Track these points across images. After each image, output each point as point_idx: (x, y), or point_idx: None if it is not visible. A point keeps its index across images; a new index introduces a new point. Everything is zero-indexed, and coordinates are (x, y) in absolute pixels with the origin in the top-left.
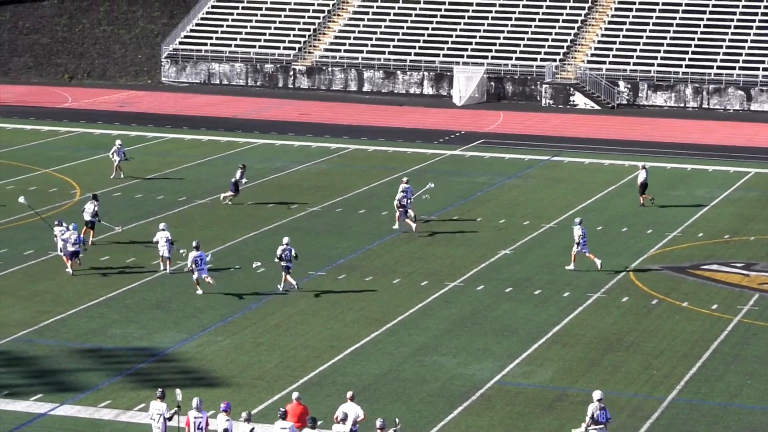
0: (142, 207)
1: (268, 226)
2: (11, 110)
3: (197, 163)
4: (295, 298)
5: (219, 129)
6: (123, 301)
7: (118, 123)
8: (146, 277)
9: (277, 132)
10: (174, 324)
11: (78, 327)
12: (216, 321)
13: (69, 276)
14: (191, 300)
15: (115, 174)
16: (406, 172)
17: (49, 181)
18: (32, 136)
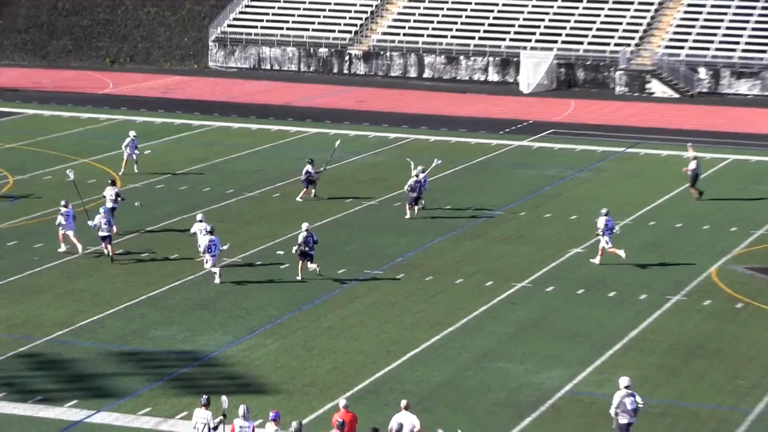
0: (187, 200)
1: (321, 221)
2: (49, 96)
3: (246, 154)
4: (349, 299)
5: (269, 117)
6: (165, 300)
7: (162, 110)
8: (190, 275)
9: (331, 120)
10: (219, 326)
11: (117, 328)
12: (264, 323)
13: (108, 274)
14: (238, 300)
15: (124, 169)
16: (471, 164)
17: (88, 171)
18: (71, 123)
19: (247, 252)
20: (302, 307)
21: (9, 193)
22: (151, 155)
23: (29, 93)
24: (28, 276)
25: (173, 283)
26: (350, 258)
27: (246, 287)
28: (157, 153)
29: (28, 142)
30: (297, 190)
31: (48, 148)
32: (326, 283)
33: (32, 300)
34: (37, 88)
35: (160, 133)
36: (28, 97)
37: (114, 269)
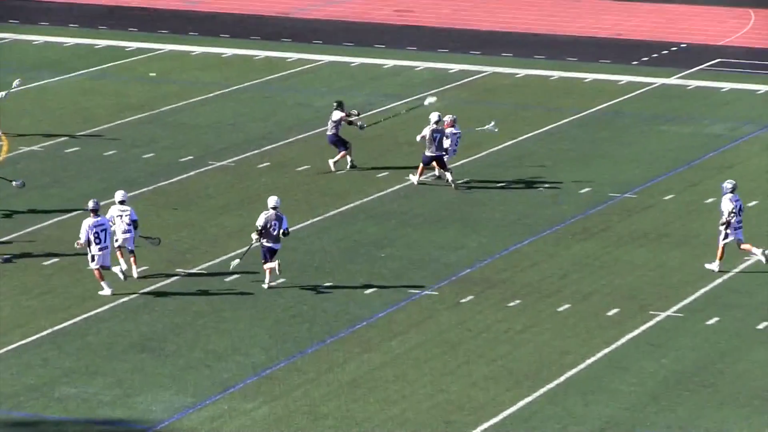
0: (116, 172)
1: (337, 207)
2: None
3: (213, 97)
4: (383, 337)
5: (252, 36)
6: (81, 336)
7: (74, 24)
8: (122, 294)
9: (353, 43)
10: (170, 379)
11: (3, 382)
12: (245, 375)
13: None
14: (201, 336)
15: None
16: (583, 116)
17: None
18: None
19: (216, 258)
20: (306, 348)
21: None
22: (19, 86)
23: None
24: None
25: (95, 308)
26: (385, 269)
27: (214, 315)
28: (66, 94)
29: None
30: (297, 156)
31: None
32: (345, 309)
33: None
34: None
35: (70, 63)
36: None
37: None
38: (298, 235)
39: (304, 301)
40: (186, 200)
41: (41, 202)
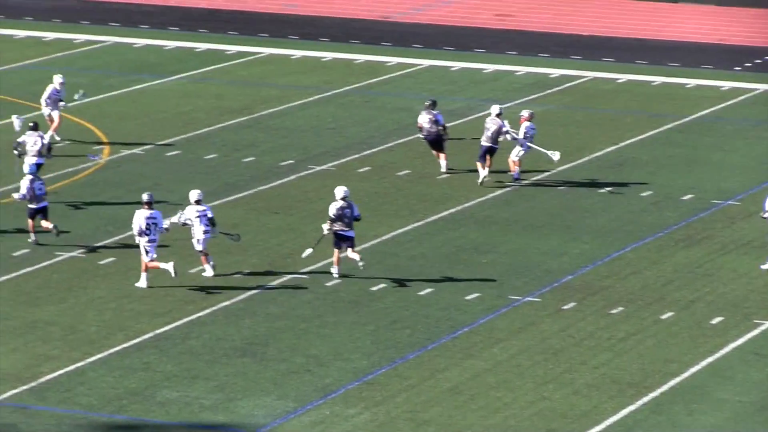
0: (216, 176)
1: (440, 212)
2: (14, 4)
3: (314, 101)
4: (485, 344)
5: (352, 40)
6: (183, 340)
7: (174, 27)
8: (225, 299)
9: (454, 47)
10: (272, 383)
11: (106, 386)
12: (346, 380)
13: (91, 297)
14: (302, 341)
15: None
16: (686, 122)
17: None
18: (29, 48)
19: (317, 262)
20: (407, 354)
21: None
22: (82, 98)
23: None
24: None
25: (197, 311)
26: (486, 275)
27: (316, 320)
28: (166, 97)
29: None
30: (397, 160)
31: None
32: (447, 315)
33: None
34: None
35: (171, 66)
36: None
37: (100, 288)
38: (399, 240)
39: (406, 307)
40: (286, 204)
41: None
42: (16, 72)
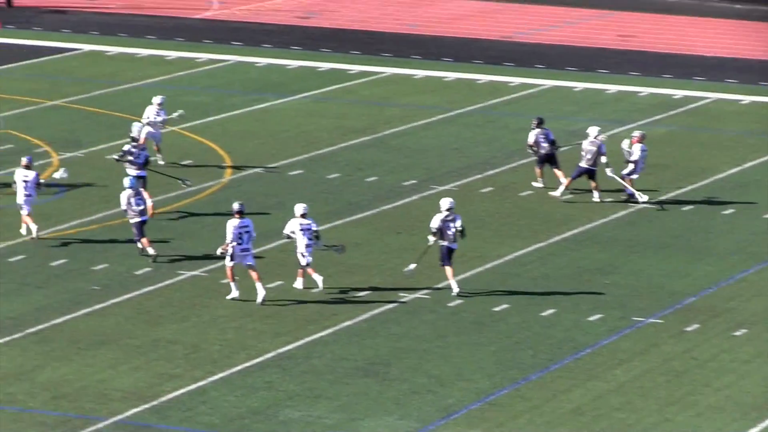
0: (339, 195)
1: (563, 233)
2: (116, 22)
3: (437, 121)
4: (607, 365)
5: (474, 60)
6: (305, 359)
7: (297, 47)
8: (346, 318)
9: (577, 67)
10: (394, 403)
11: (228, 405)
12: (468, 400)
13: (213, 315)
14: (424, 361)
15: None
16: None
17: (179, 146)
18: (151, 67)
19: (439, 282)
20: (530, 375)
21: (52, 180)
22: (179, 116)
23: (83, 16)
24: (85, 316)
25: (320, 330)
26: (609, 296)
27: (438, 340)
28: (289, 117)
29: (82, 96)
30: (520, 181)
31: (113, 107)
32: (570, 336)
33: (90, 356)
34: (95, 8)
35: (294, 85)
36: (82, 24)
37: (222, 307)
38: (522, 260)
39: (529, 328)
40: (409, 224)
41: (265, 224)
42: (137, 90)
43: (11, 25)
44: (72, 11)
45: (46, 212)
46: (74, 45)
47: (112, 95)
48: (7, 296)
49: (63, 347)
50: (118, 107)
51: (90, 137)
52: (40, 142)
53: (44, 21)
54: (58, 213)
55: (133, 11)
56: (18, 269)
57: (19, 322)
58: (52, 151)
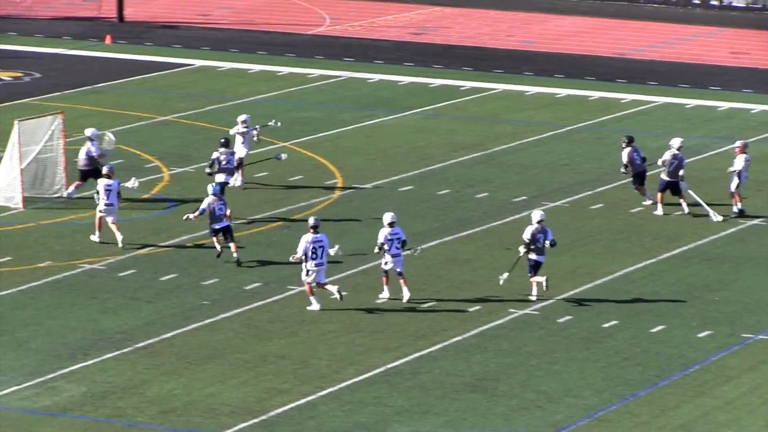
0: (448, 211)
1: (672, 250)
2: (227, 38)
3: (548, 137)
4: (716, 381)
5: (586, 77)
6: (413, 375)
7: (409, 63)
8: (455, 333)
9: (689, 84)
10: (501, 418)
11: (337, 419)
12: (576, 416)
13: (322, 330)
14: (533, 377)
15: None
16: None
17: (289, 161)
18: (262, 82)
19: (548, 299)
20: (638, 392)
21: (162, 195)
22: (274, 125)
23: (195, 32)
24: (194, 331)
25: (428, 346)
26: (718, 313)
27: (547, 357)
28: (400, 133)
29: (193, 112)
30: (630, 197)
31: (224, 123)
32: (678, 352)
33: (199, 370)
34: (206, 23)
35: (405, 101)
36: (193, 39)
37: (331, 322)
38: (631, 277)
39: (637, 344)
40: (519, 240)
41: (376, 239)
42: (248, 106)
43: (122, 41)
44: (184, 26)
45: (156, 227)
46: (186, 60)
47: (223, 111)
48: (117, 311)
49: (172, 362)
50: (229, 123)
51: (200, 153)
52: (150, 157)
53: (156, 36)
54: (168, 227)
55: (245, 27)
56: (128, 284)
57: (129, 336)
58: (163, 166)
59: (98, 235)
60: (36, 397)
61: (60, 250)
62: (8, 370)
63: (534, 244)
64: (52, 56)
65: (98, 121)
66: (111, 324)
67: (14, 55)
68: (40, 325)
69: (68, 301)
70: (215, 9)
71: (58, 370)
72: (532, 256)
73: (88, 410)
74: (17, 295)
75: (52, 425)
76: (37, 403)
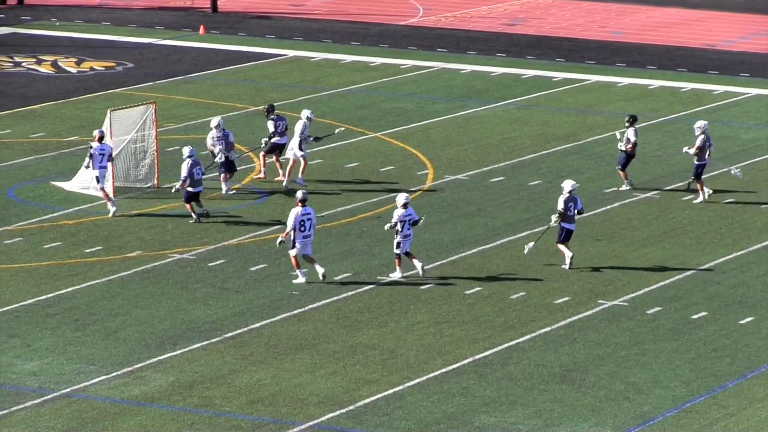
0: (539, 201)
1: (763, 241)
2: (319, 28)
3: (640, 128)
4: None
5: (679, 68)
6: (502, 366)
7: (501, 54)
8: (543, 324)
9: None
10: (590, 410)
11: (424, 409)
12: (665, 407)
13: (410, 321)
14: (622, 367)
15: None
16: None
17: (381, 152)
18: (355, 73)
19: (638, 290)
20: (726, 383)
21: (254, 186)
22: (341, 134)
23: (288, 22)
24: (282, 321)
25: (517, 337)
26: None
27: (636, 348)
28: (492, 124)
29: (286, 102)
30: (723, 188)
31: (317, 113)
32: (766, 342)
33: (288, 360)
34: (300, 14)
35: (498, 92)
36: (286, 30)
37: (420, 313)
38: (722, 268)
39: (727, 335)
40: (610, 231)
41: (467, 230)
42: (342, 96)
43: (216, 31)
44: (276, 17)
45: (247, 217)
46: (278, 51)
47: (316, 101)
48: (206, 301)
49: (260, 352)
50: (321, 113)
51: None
52: (243, 147)
53: (249, 26)
54: (259, 217)
55: (338, 17)
56: (217, 274)
57: (218, 326)
58: (254, 156)
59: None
60: (124, 387)
61: (150, 239)
62: (97, 359)
63: (565, 213)
64: (145, 46)
65: (191, 112)
66: (200, 314)
67: (107, 44)
68: (129, 315)
69: (157, 290)
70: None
71: (146, 359)
72: (564, 224)
73: (176, 400)
74: (107, 284)
75: (140, 414)
76: (125, 392)
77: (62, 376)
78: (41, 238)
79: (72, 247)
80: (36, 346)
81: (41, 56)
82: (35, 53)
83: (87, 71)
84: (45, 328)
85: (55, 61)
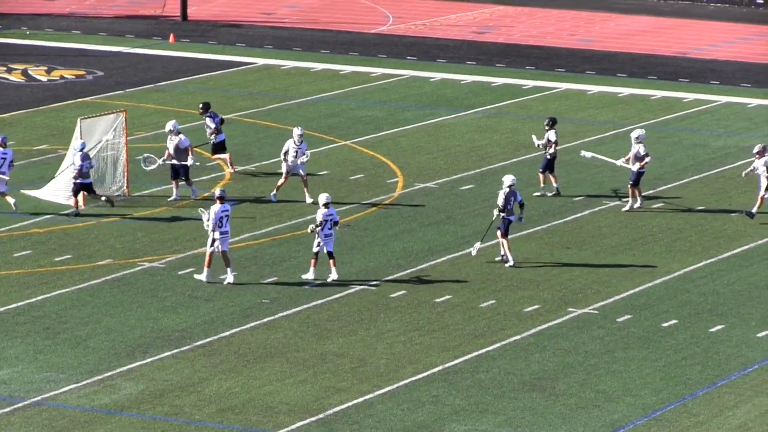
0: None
1: (733, 249)
2: (289, 36)
3: (608, 136)
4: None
5: (648, 76)
6: (472, 374)
7: (471, 62)
8: (513, 333)
9: (751, 83)
10: (559, 418)
11: (394, 418)
12: (634, 415)
13: (381, 330)
14: (591, 375)
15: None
16: None
17: (351, 160)
18: (324, 81)
19: (608, 297)
20: (697, 391)
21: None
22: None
23: (257, 31)
24: (252, 330)
25: (487, 345)
26: None
27: (606, 356)
28: (462, 132)
29: (255, 110)
30: (692, 197)
31: (286, 121)
32: (738, 352)
33: (258, 369)
34: (270, 22)
35: (468, 100)
36: (256, 38)
37: (390, 321)
38: (691, 276)
39: (697, 343)
40: (579, 239)
41: (436, 239)
42: (312, 104)
43: (186, 39)
44: (247, 25)
45: None
46: (249, 59)
47: (286, 109)
48: (176, 309)
49: (230, 360)
50: (291, 122)
51: (262, 151)
52: (211, 156)
53: (219, 35)
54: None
55: (309, 25)
56: (187, 282)
57: (187, 334)
58: (224, 165)
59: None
60: (95, 395)
61: (120, 248)
62: (67, 368)
63: (505, 207)
64: (115, 54)
65: (161, 120)
66: (170, 322)
67: (78, 53)
68: (99, 323)
69: (127, 299)
70: (279, 7)
71: (116, 368)
72: (507, 216)
73: (146, 408)
74: (77, 292)
75: (111, 423)
76: (95, 401)
77: (32, 384)
78: (11, 247)
79: (42, 255)
80: (6, 355)
81: (11, 65)
82: (5, 62)
83: (57, 80)
84: (15, 337)
85: (26, 69)
